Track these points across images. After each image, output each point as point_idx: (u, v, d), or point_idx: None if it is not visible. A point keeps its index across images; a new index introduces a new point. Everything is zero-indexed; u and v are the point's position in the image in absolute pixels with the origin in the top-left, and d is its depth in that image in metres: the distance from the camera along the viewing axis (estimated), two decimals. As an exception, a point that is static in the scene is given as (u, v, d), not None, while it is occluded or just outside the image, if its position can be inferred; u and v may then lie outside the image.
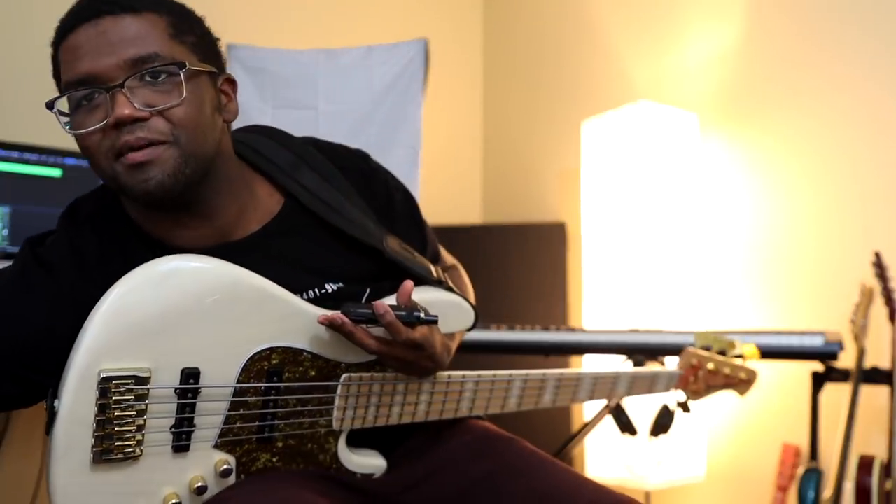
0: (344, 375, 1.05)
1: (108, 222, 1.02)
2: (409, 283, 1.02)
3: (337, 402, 1.05)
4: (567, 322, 2.85)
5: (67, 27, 0.94)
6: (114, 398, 0.89)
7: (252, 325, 0.97)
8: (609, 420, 1.79)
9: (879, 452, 1.89)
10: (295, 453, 1.04)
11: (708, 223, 2.55)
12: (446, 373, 1.15)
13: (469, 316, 1.18)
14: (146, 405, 0.91)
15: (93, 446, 0.89)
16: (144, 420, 0.92)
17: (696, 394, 1.50)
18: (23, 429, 2.33)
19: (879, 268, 1.99)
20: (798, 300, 2.34)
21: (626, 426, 1.76)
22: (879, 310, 2.01)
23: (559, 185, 3.10)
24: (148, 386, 0.91)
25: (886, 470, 1.83)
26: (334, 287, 1.09)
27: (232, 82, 1.04)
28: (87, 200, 1.06)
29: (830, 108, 2.30)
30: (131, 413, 0.90)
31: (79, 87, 0.93)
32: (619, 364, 2.04)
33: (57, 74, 0.98)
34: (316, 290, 1.07)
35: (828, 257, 2.28)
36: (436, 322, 1.02)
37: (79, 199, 1.07)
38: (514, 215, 3.24)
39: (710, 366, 1.49)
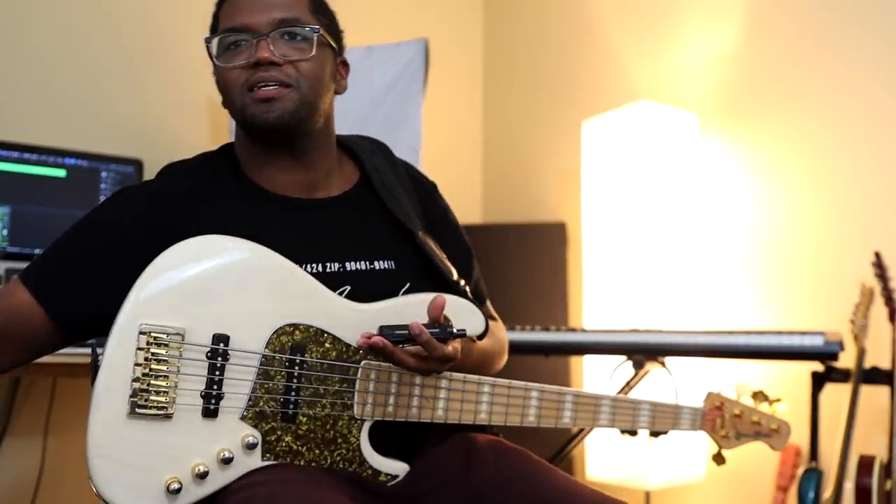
0: (364, 361, 1.11)
1: (212, 168, 1.20)
2: (440, 299, 1.08)
3: (357, 385, 1.10)
4: (567, 322, 2.85)
5: None
6: (151, 350, 0.99)
7: (277, 300, 1.07)
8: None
9: (879, 452, 1.89)
10: (318, 440, 1.08)
11: (708, 223, 2.55)
12: (462, 374, 1.19)
13: (480, 322, 1.22)
14: (179, 362, 1.01)
15: (130, 396, 0.98)
16: (178, 378, 1.00)
17: (725, 440, 1.45)
18: (23, 428, 2.33)
19: (879, 268, 1.99)
20: (798, 300, 2.34)
21: (626, 426, 1.76)
22: (879, 310, 2.01)
23: (559, 185, 3.10)
24: (182, 342, 1.01)
25: (886, 470, 1.83)
26: (384, 265, 1.20)
27: (346, 65, 1.26)
28: (189, 159, 1.23)
29: (830, 108, 2.31)
30: (165, 368, 1.00)
31: (232, 33, 1.13)
32: (619, 365, 2.05)
33: (214, 28, 1.19)
34: (366, 262, 1.19)
35: (828, 257, 2.28)
36: (465, 335, 1.09)
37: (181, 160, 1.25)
38: (514, 215, 3.24)
39: (736, 410, 1.45)
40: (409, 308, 1.14)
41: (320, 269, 1.14)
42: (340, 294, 1.13)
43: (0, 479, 2.30)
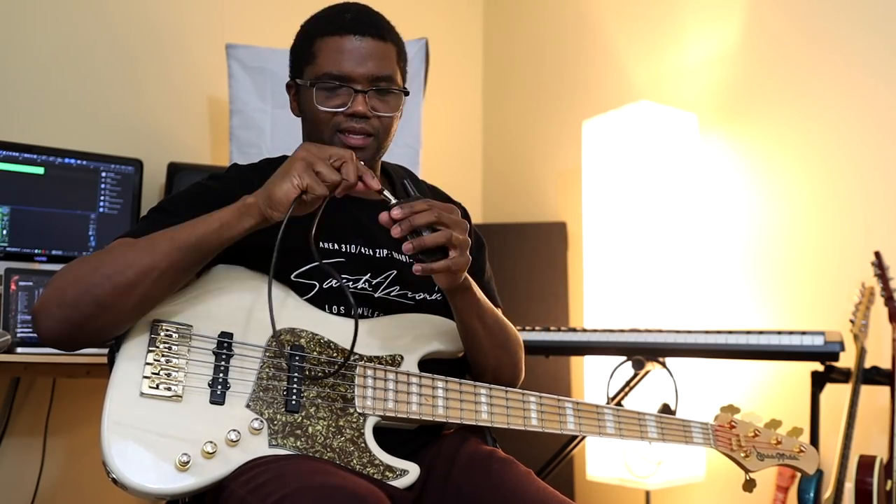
0: (361, 362, 1.18)
1: (274, 167, 1.24)
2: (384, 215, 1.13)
3: (357, 380, 1.17)
4: (567, 322, 2.85)
5: (336, 30, 1.27)
6: (162, 339, 1.09)
7: (280, 309, 1.16)
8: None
9: (879, 452, 1.89)
10: (325, 433, 1.12)
11: (708, 223, 2.55)
12: (457, 379, 1.22)
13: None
14: (188, 352, 1.10)
15: (143, 376, 1.06)
16: (186, 365, 1.09)
17: (748, 461, 1.40)
18: (23, 428, 2.33)
19: (879, 268, 1.99)
20: (798, 300, 2.34)
21: (626, 426, 1.75)
22: (879, 310, 2.01)
23: (559, 185, 3.10)
24: (190, 333, 1.11)
25: (886, 470, 1.83)
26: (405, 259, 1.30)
27: (407, 93, 1.38)
28: (252, 163, 1.36)
29: (830, 108, 2.31)
30: (175, 355, 1.09)
31: (334, 80, 1.25)
32: (619, 365, 2.05)
33: (300, 52, 1.32)
34: (393, 252, 1.32)
35: (828, 257, 2.28)
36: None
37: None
38: (514, 215, 3.24)
39: (750, 431, 1.41)
40: (401, 324, 1.24)
41: (371, 252, 1.29)
42: (386, 279, 1.28)
43: (0, 479, 2.30)
